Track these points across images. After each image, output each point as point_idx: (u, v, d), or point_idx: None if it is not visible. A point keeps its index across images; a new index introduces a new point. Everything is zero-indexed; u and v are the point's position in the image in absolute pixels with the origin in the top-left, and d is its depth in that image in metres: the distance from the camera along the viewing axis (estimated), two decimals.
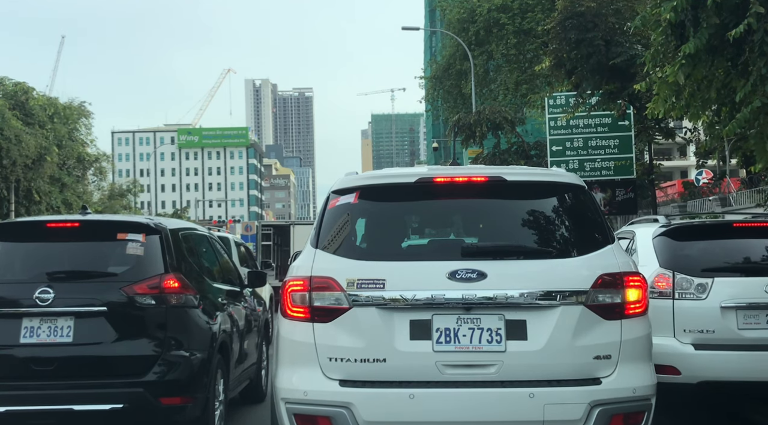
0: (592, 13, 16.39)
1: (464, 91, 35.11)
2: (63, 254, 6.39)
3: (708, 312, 6.55)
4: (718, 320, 6.54)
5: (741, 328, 6.52)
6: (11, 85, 49.66)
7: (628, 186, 19.21)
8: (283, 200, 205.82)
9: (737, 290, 6.61)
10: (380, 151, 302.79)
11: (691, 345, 6.58)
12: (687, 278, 6.68)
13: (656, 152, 22.81)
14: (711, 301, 6.58)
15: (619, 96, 16.47)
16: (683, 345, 6.58)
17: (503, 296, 4.47)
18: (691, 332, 6.59)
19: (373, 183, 4.98)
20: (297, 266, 4.78)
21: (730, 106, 9.50)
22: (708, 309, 6.56)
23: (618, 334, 4.56)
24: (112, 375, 5.90)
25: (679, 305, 6.63)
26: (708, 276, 6.67)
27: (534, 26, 28.32)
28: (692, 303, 6.62)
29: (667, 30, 9.31)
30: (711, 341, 6.54)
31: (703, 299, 6.60)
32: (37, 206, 47.28)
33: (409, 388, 4.42)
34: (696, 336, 6.58)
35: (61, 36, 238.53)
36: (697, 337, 6.58)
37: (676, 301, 6.64)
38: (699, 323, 6.60)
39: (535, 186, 5.05)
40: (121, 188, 68.57)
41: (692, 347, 6.57)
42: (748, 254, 7.09)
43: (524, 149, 30.46)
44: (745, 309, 6.53)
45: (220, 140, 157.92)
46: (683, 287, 6.68)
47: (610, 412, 4.44)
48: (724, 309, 6.55)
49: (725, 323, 6.54)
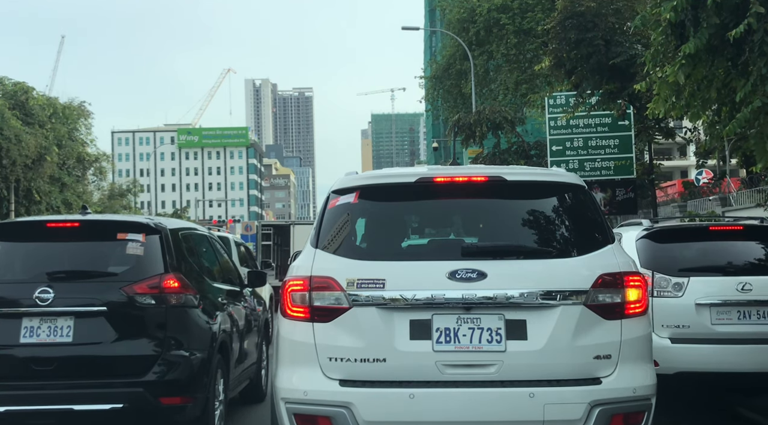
0: (592, 13, 16.37)
1: (464, 91, 35.09)
2: (63, 254, 6.39)
3: (684, 309, 7.05)
4: (693, 316, 7.05)
5: (714, 323, 7.02)
6: (11, 85, 49.63)
7: (628, 186, 19.20)
8: (283, 200, 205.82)
9: (711, 288, 7.09)
10: (380, 151, 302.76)
11: (669, 339, 7.05)
12: (665, 278, 7.18)
13: (656, 152, 22.81)
14: (687, 299, 7.08)
15: (619, 96, 16.46)
16: (661, 338, 6.99)
17: (503, 296, 4.47)
18: (668, 327, 7.08)
19: (373, 183, 4.98)
20: (297, 266, 4.78)
21: (731, 106, 9.50)
22: (684, 306, 7.06)
23: (618, 334, 4.56)
24: (112, 374, 5.90)
25: (658, 302, 7.05)
26: (684, 276, 7.16)
27: (534, 26, 28.30)
28: (669, 301, 7.12)
29: (667, 30, 9.31)
30: (686, 335, 7.03)
31: (680, 297, 7.10)
32: (37, 206, 47.27)
33: (409, 388, 4.42)
34: (673, 331, 7.08)
35: (61, 36, 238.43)
36: (674, 332, 7.08)
37: (655, 298, 7.06)
38: (675, 318, 7.09)
39: (536, 186, 5.05)
40: (121, 188, 68.56)
41: (669, 340, 7.05)
42: (722, 256, 7.57)
43: (524, 149, 30.45)
44: (718, 306, 7.04)
45: (220, 139, 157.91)
46: (661, 286, 7.16)
47: (610, 412, 4.44)
48: (699, 306, 7.06)
49: (699, 319, 7.05)
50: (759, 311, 7.01)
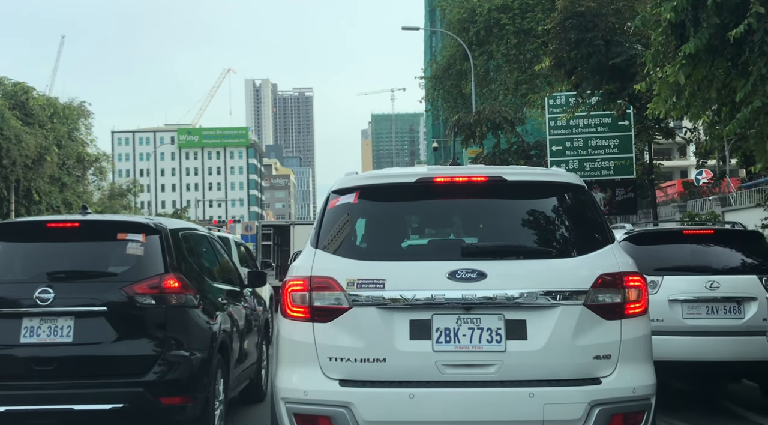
0: (592, 13, 16.37)
1: (464, 91, 35.09)
2: (63, 254, 6.39)
3: (658, 304, 7.51)
4: (667, 311, 7.70)
5: (685, 317, 7.72)
6: (11, 85, 49.63)
7: (628, 186, 19.19)
8: (283, 200, 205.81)
9: (683, 286, 7.78)
10: (380, 151, 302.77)
11: None
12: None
13: (656, 152, 22.80)
14: (661, 295, 7.71)
15: (619, 96, 16.45)
16: None
17: (503, 296, 4.47)
18: None
19: (373, 183, 4.98)
20: (297, 266, 4.78)
21: (731, 106, 9.51)
22: (658, 302, 7.56)
23: (618, 334, 4.56)
24: (112, 374, 5.90)
25: None
26: (659, 274, 7.82)
27: (534, 26, 28.29)
28: None
29: (667, 30, 9.31)
30: (660, 328, 7.43)
31: (655, 294, 7.64)
32: (37, 206, 47.26)
33: (409, 388, 4.43)
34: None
35: (61, 36, 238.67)
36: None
37: None
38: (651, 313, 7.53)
39: (535, 186, 5.05)
40: (121, 188, 68.53)
41: None
42: (693, 257, 8.34)
43: (524, 149, 30.45)
44: (689, 302, 7.75)
45: (220, 140, 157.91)
46: None
47: (610, 412, 4.44)
48: (672, 302, 7.74)
49: (672, 313, 7.72)
50: (725, 306, 7.71)
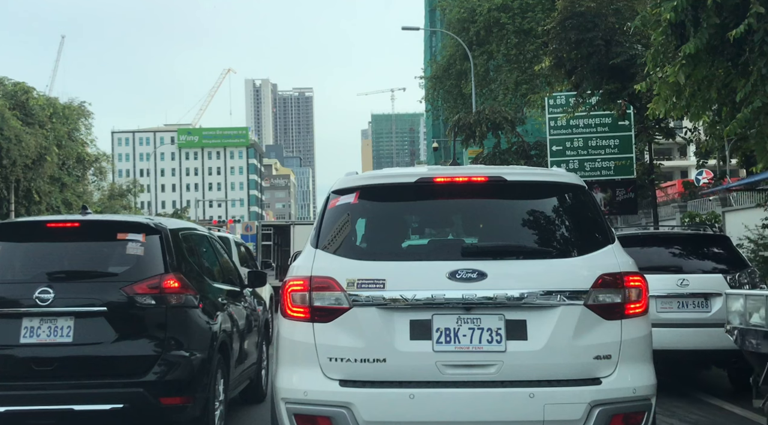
0: (592, 13, 16.36)
1: (464, 91, 35.10)
2: (63, 254, 6.39)
3: None
4: None
5: (659, 311, 8.57)
6: (11, 85, 49.65)
7: (628, 186, 19.18)
8: (283, 200, 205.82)
9: (657, 284, 8.27)
10: (380, 151, 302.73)
11: None
12: None
13: (656, 152, 22.78)
14: None
15: (619, 96, 16.44)
16: None
17: (503, 296, 4.47)
18: None
19: (373, 183, 4.97)
20: (297, 266, 4.78)
21: (731, 106, 9.51)
22: None
23: (618, 334, 4.56)
24: (112, 375, 5.89)
25: None
26: None
27: (534, 26, 28.32)
28: None
29: (667, 30, 9.32)
30: None
31: None
32: (37, 206, 47.29)
33: (409, 388, 4.42)
34: None
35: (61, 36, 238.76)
36: None
37: None
38: None
39: (536, 186, 5.04)
40: (121, 188, 68.61)
41: None
42: (666, 257, 9.45)
43: (524, 149, 30.40)
44: (662, 298, 8.68)
45: (220, 140, 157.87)
46: None
47: (610, 412, 4.44)
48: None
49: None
50: (694, 301, 8.74)
